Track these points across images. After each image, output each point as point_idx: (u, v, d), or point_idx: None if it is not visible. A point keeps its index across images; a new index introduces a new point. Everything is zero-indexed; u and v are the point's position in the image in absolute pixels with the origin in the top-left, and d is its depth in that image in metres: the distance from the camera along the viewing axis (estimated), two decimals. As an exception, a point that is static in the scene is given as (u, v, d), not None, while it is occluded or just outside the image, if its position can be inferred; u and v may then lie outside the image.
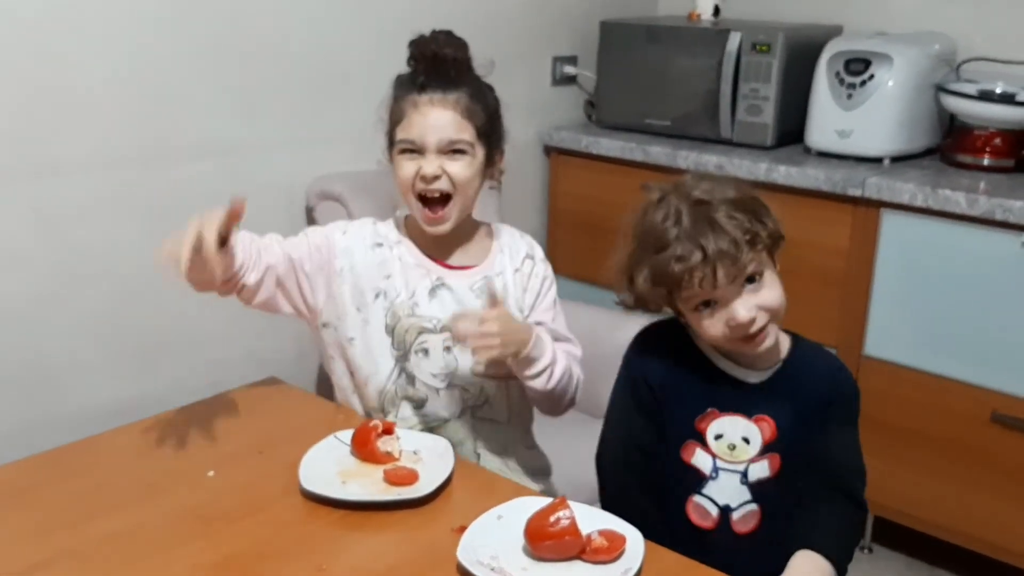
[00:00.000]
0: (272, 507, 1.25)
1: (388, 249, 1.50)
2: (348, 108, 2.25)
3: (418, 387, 1.49)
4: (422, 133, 1.43)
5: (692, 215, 1.21)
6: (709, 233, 1.18)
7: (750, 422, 1.27)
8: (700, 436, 1.28)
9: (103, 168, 1.89)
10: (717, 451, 1.28)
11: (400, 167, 1.45)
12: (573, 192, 2.77)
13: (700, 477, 1.28)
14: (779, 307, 1.23)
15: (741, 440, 1.27)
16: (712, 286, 1.19)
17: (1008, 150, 2.32)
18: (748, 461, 1.27)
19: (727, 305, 1.21)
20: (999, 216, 2.05)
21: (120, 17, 1.85)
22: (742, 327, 1.21)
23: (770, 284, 1.23)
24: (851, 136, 2.38)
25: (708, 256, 1.18)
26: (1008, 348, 2.10)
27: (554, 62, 2.80)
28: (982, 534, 2.21)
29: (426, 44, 1.47)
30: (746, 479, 1.27)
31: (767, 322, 1.22)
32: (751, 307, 1.21)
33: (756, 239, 1.20)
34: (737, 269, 1.19)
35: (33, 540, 1.18)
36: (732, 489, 1.28)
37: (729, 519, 1.28)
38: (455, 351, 1.48)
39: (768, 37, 2.44)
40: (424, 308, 1.48)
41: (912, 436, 2.26)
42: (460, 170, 1.44)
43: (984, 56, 2.43)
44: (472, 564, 1.09)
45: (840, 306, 2.32)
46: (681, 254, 1.19)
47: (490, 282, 1.44)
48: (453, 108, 1.43)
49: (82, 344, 1.91)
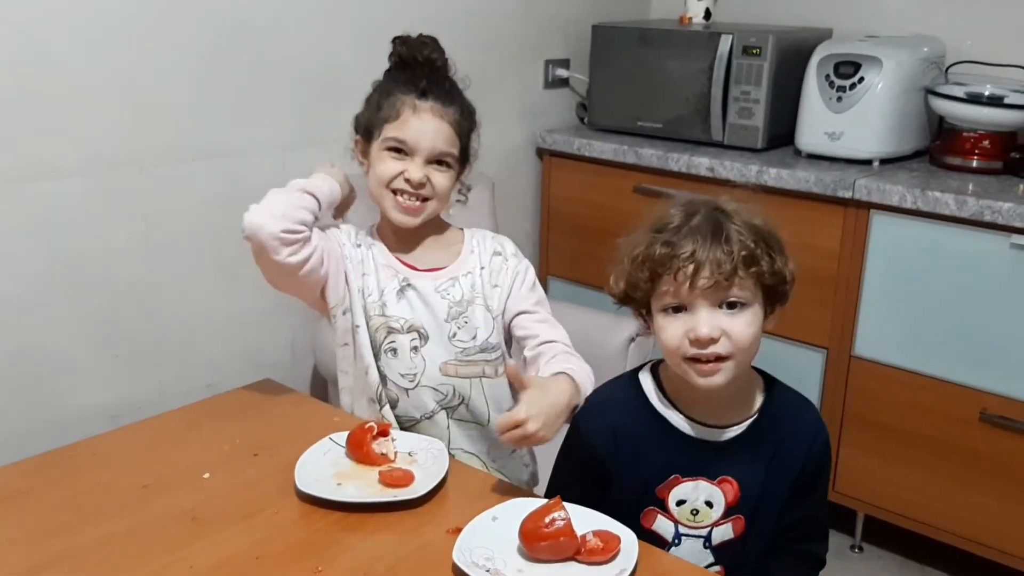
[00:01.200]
0: (268, 509, 1.26)
1: (365, 249, 1.53)
2: (341, 110, 2.25)
3: (390, 387, 1.50)
4: (418, 137, 1.45)
5: (705, 215, 1.16)
6: (709, 235, 1.13)
7: (713, 485, 1.21)
8: (661, 503, 1.22)
9: (98, 171, 1.89)
10: (679, 517, 1.22)
11: (383, 162, 1.48)
12: (566, 194, 2.78)
13: (662, 543, 1.24)
14: (746, 346, 1.14)
15: (704, 504, 1.21)
16: (690, 285, 1.12)
17: (996, 152, 2.34)
18: (711, 525, 1.22)
19: (694, 314, 1.14)
20: (988, 217, 2.07)
21: (115, 21, 1.86)
22: (699, 343, 1.13)
23: (748, 321, 1.14)
24: (841, 138, 2.39)
25: (697, 253, 1.12)
26: (997, 348, 2.12)
27: (547, 65, 2.81)
28: (972, 533, 2.23)
29: (416, 47, 1.50)
30: (709, 543, 1.23)
31: (727, 354, 1.14)
32: (716, 327, 1.13)
33: (754, 262, 1.13)
34: (721, 278, 1.12)
35: (30, 543, 1.18)
36: (695, 554, 1.23)
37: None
38: (422, 352, 1.49)
39: (759, 40, 2.46)
40: (392, 308, 1.50)
41: (902, 436, 2.28)
42: (442, 181, 1.48)
43: (972, 59, 2.45)
44: (467, 565, 1.10)
45: (831, 307, 2.33)
46: (674, 240, 1.14)
47: (509, 368, 1.38)
48: (450, 122, 1.47)
49: (78, 347, 1.92)
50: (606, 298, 1.29)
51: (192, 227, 2.05)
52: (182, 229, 2.04)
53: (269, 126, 2.15)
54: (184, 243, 2.05)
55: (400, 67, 1.51)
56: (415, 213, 1.48)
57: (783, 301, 1.18)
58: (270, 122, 2.15)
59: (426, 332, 1.49)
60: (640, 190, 2.58)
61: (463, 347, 1.50)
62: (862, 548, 2.48)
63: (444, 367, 1.50)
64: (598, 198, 2.69)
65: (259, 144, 2.14)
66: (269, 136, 2.16)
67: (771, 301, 1.17)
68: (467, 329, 1.50)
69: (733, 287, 1.13)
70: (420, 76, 1.48)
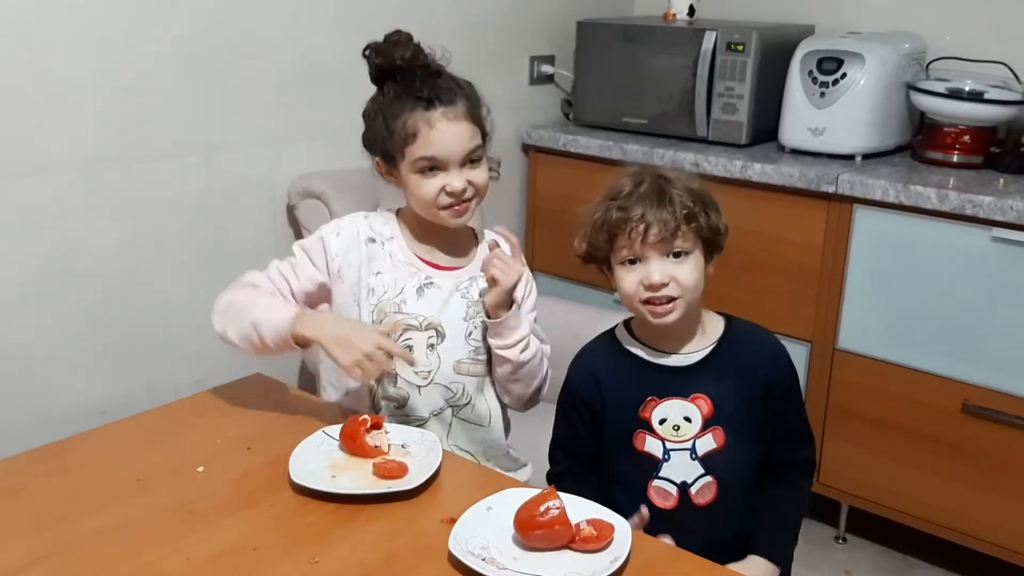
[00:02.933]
0: (263, 501, 1.26)
1: (380, 246, 1.51)
2: (330, 107, 2.26)
3: (400, 385, 1.51)
4: (445, 150, 1.43)
5: (651, 184, 1.35)
6: (655, 199, 1.32)
7: (687, 402, 1.37)
8: (647, 424, 1.37)
9: (86, 166, 1.89)
10: (664, 434, 1.37)
11: (421, 186, 1.44)
12: (551, 190, 2.79)
13: (655, 461, 1.37)
14: (691, 287, 1.34)
15: (683, 420, 1.37)
16: (641, 241, 1.32)
17: (977, 147, 2.37)
18: (693, 438, 1.37)
19: (646, 264, 1.33)
20: (969, 211, 2.10)
21: (101, 16, 1.85)
22: (652, 287, 1.32)
23: (692, 267, 1.34)
24: (824, 134, 2.42)
25: (647, 214, 1.31)
26: (978, 340, 2.15)
27: (532, 61, 2.82)
28: (954, 523, 2.26)
29: (387, 53, 1.45)
30: (695, 454, 1.37)
31: (676, 295, 1.33)
32: (665, 274, 1.32)
33: (693, 218, 1.32)
34: (667, 233, 1.31)
35: (24, 537, 1.18)
36: (685, 466, 1.37)
37: (688, 494, 1.37)
38: (438, 349, 1.50)
39: (743, 37, 2.48)
40: (411, 306, 1.49)
41: (885, 427, 2.30)
42: (480, 176, 1.47)
43: (953, 55, 2.48)
44: (463, 555, 1.11)
45: (814, 301, 2.36)
46: (625, 205, 1.33)
47: (492, 242, 1.52)
48: (464, 119, 1.44)
49: (68, 342, 1.91)
50: (591, 292, 1.39)
51: (178, 222, 2.05)
52: (168, 224, 2.03)
53: (254, 121, 2.15)
54: (170, 238, 2.04)
55: (382, 78, 1.47)
56: (465, 213, 1.48)
57: (719, 250, 1.38)
58: (255, 117, 2.15)
59: (444, 330, 1.50)
60: (625, 185, 2.59)
61: (476, 346, 1.52)
62: (846, 539, 2.51)
63: (458, 365, 1.51)
64: (584, 194, 2.64)
65: (244, 139, 2.14)
66: (254, 131, 2.16)
67: (709, 250, 1.37)
68: (482, 328, 1.51)
69: (677, 239, 1.32)
70: (412, 84, 1.44)
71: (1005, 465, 2.16)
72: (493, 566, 1.10)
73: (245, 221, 2.18)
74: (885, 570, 2.42)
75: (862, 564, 2.44)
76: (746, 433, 1.38)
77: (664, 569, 1.17)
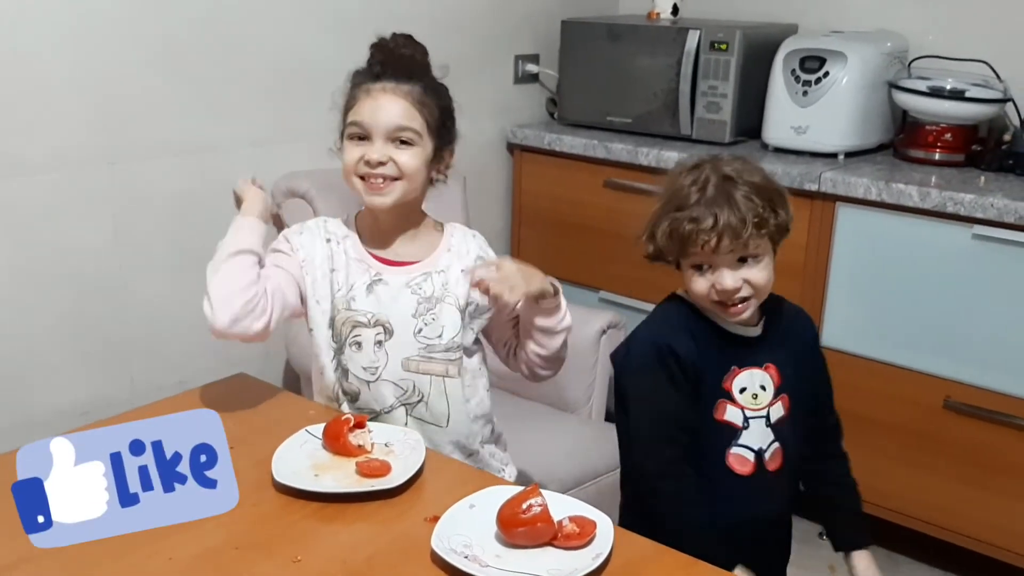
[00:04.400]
0: (246, 501, 1.24)
1: (336, 244, 1.52)
2: (314, 107, 2.24)
3: (351, 380, 1.51)
4: (372, 116, 1.44)
5: (716, 187, 1.33)
6: (725, 206, 1.31)
7: (762, 371, 1.41)
8: (727, 394, 1.40)
9: (69, 167, 1.88)
10: (744, 403, 1.40)
11: (345, 152, 1.48)
12: (537, 189, 2.79)
13: (734, 430, 1.40)
14: (764, 286, 1.36)
15: (760, 388, 1.41)
16: (713, 252, 1.32)
17: (958, 145, 2.39)
18: (768, 405, 1.41)
19: (718, 271, 1.34)
20: (950, 209, 2.11)
21: (83, 16, 1.85)
22: (726, 293, 1.34)
23: (763, 266, 1.36)
24: (807, 132, 2.43)
25: (717, 225, 1.30)
26: (959, 337, 2.17)
27: (516, 60, 2.82)
28: (937, 519, 2.27)
29: (385, 44, 1.50)
30: (769, 422, 1.41)
31: (750, 295, 1.35)
32: (738, 278, 1.34)
33: (764, 224, 1.32)
34: (738, 245, 1.32)
35: (6, 539, 1.17)
36: (761, 433, 1.41)
37: (763, 461, 1.41)
38: (386, 346, 1.50)
39: (726, 36, 2.49)
40: (360, 303, 1.50)
41: (867, 424, 2.31)
42: (406, 159, 1.45)
43: (935, 54, 2.50)
44: (446, 552, 1.11)
45: (798, 298, 2.33)
46: (696, 216, 1.32)
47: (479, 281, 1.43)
48: (405, 97, 1.45)
49: (49, 344, 1.91)
50: (578, 291, 1.38)
51: (162, 222, 2.04)
52: (151, 225, 2.03)
53: (239, 121, 2.15)
54: (154, 239, 2.04)
55: None
56: (382, 192, 1.46)
57: (786, 236, 1.39)
58: (240, 117, 2.15)
59: (391, 327, 1.49)
60: (610, 184, 2.60)
61: (428, 343, 1.50)
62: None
63: (406, 362, 1.50)
64: (569, 192, 2.71)
65: (229, 139, 2.14)
66: (239, 131, 2.15)
67: (777, 242, 1.38)
68: (434, 326, 1.50)
69: (749, 246, 1.33)
70: (375, 63, 1.47)
71: (987, 461, 2.18)
72: (476, 564, 1.11)
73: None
74: (869, 566, 2.43)
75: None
76: (803, 399, 1.44)
77: (645, 566, 1.17)
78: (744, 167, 1.36)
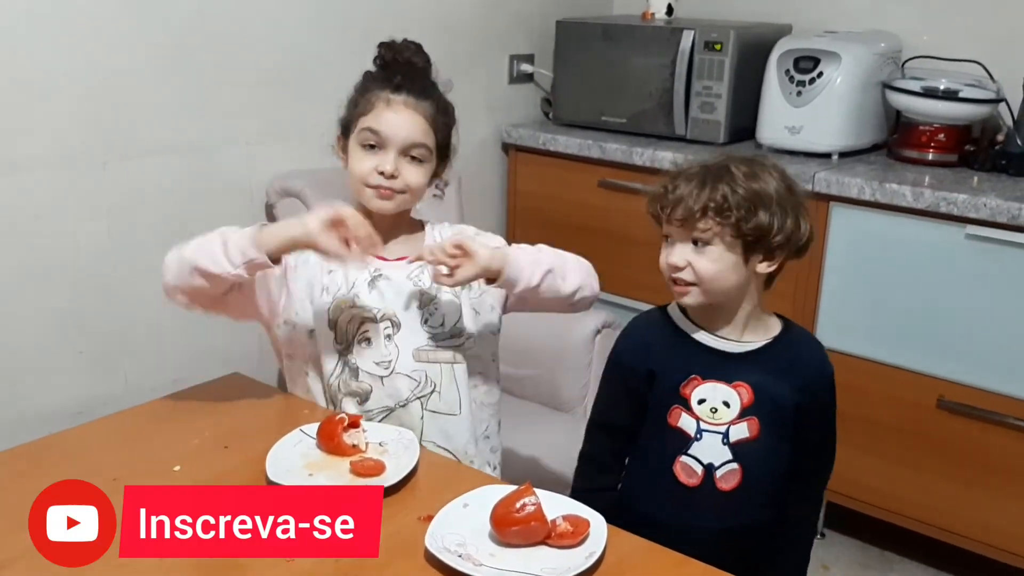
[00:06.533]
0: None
1: None
2: (309, 106, 2.26)
3: (362, 379, 1.51)
4: (390, 128, 1.47)
5: (709, 167, 1.34)
6: (696, 182, 1.32)
7: (729, 387, 1.38)
8: (685, 401, 1.38)
9: (63, 165, 1.88)
10: (700, 414, 1.38)
11: (358, 158, 1.49)
12: (531, 189, 2.80)
13: (686, 438, 1.39)
14: (707, 277, 1.33)
15: (722, 404, 1.38)
16: (667, 220, 1.34)
17: (951, 145, 2.39)
18: (729, 423, 1.38)
19: (672, 247, 1.36)
20: (943, 209, 2.12)
21: (78, 15, 1.85)
22: (669, 268, 1.36)
23: (712, 257, 1.33)
24: (801, 132, 2.44)
25: (676, 192, 1.32)
26: (953, 336, 2.17)
27: (511, 60, 2.82)
28: (931, 518, 2.28)
29: (399, 50, 1.52)
30: (727, 439, 1.38)
31: (690, 281, 1.34)
32: (683, 259, 1.34)
33: (725, 213, 1.30)
34: (687, 217, 1.31)
35: (4, 536, 1.17)
36: (715, 449, 1.38)
37: (713, 477, 1.38)
38: (395, 339, 1.51)
39: (720, 36, 2.49)
40: (364, 299, 1.51)
41: (862, 423, 2.32)
42: (415, 177, 1.49)
43: (928, 54, 2.50)
44: (440, 551, 1.12)
45: (791, 298, 2.37)
46: (671, 179, 1.35)
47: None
48: (423, 115, 1.49)
49: (44, 342, 1.90)
50: None
51: (156, 221, 2.04)
52: (146, 223, 2.03)
53: (232, 120, 2.15)
54: (148, 238, 2.03)
55: (382, 68, 1.53)
56: (389, 198, 1.49)
57: (767, 252, 1.34)
58: (233, 116, 2.15)
59: (399, 320, 1.51)
60: (605, 184, 2.60)
61: (434, 332, 1.52)
62: (824, 534, 2.52)
63: (417, 353, 1.51)
64: (563, 192, 2.71)
65: (222, 138, 2.14)
66: (233, 130, 2.15)
67: (751, 250, 1.33)
68: (437, 315, 1.53)
69: (698, 226, 1.31)
70: (395, 73, 1.50)
71: (980, 460, 2.18)
72: (470, 562, 1.11)
73: (223, 220, 2.13)
74: (863, 565, 2.44)
75: (840, 559, 2.46)
76: (780, 430, 1.39)
77: (639, 564, 1.17)
78: (760, 170, 1.34)
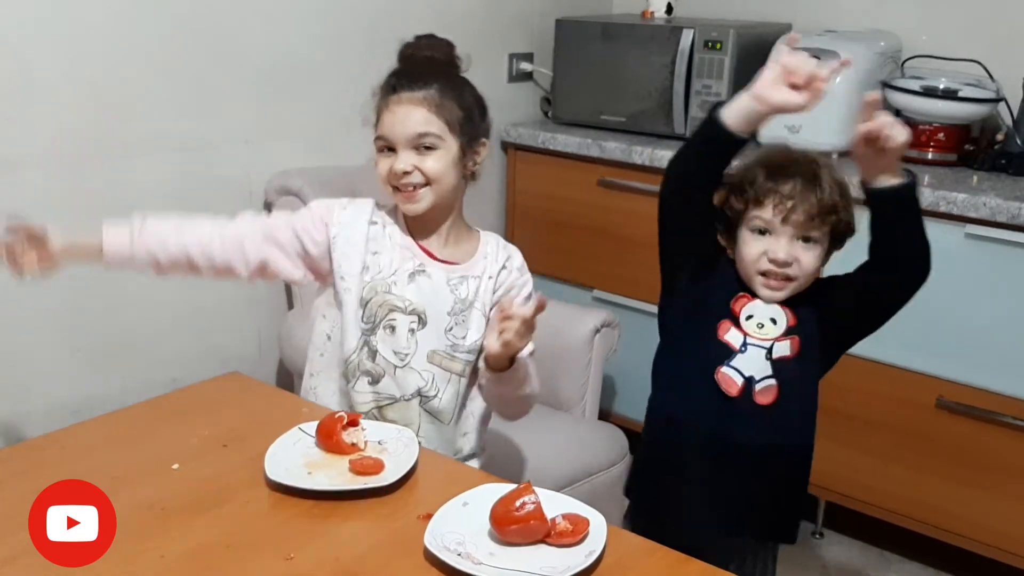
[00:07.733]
0: (238, 498, 1.26)
1: (381, 227, 1.55)
2: (308, 104, 2.26)
3: (378, 362, 1.52)
4: (391, 129, 1.48)
5: (805, 162, 1.41)
6: (808, 180, 1.38)
7: (778, 305, 1.43)
8: (733, 316, 1.44)
9: (61, 163, 1.87)
10: (747, 329, 1.43)
11: (378, 164, 1.52)
12: (531, 188, 2.79)
13: (730, 350, 1.44)
14: (810, 272, 1.41)
15: (769, 320, 1.43)
16: (783, 219, 1.37)
17: (951, 144, 2.39)
18: (773, 340, 1.43)
19: (776, 240, 1.39)
20: (943, 208, 2.12)
21: (76, 12, 1.84)
22: (775, 263, 1.39)
23: (816, 255, 1.40)
24: (800, 131, 2.42)
25: (795, 193, 1.37)
26: (952, 336, 2.17)
27: (510, 59, 2.82)
28: (929, 518, 2.28)
29: (406, 48, 1.55)
30: (770, 355, 1.43)
31: (797, 276, 1.40)
32: (792, 254, 1.38)
33: (835, 211, 1.38)
34: (806, 217, 1.37)
35: (4, 534, 1.17)
36: (757, 363, 1.43)
37: (752, 390, 1.43)
38: (417, 335, 1.52)
39: (720, 35, 2.49)
40: (400, 288, 1.52)
41: (861, 423, 2.32)
42: (433, 164, 1.48)
43: (928, 53, 2.50)
44: (439, 550, 1.11)
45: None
46: (777, 177, 1.38)
47: (539, 297, 1.43)
48: (420, 103, 1.48)
49: (42, 341, 1.90)
50: (572, 290, 1.36)
51: (156, 220, 2.03)
52: (145, 222, 2.02)
53: (231, 118, 2.14)
54: (148, 236, 2.03)
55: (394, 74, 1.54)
56: (413, 199, 1.49)
57: (839, 246, 1.43)
58: (233, 114, 2.14)
59: (426, 318, 1.52)
60: (604, 183, 2.60)
61: (454, 342, 1.54)
62: (823, 534, 2.52)
63: (431, 355, 1.53)
64: (563, 191, 2.70)
65: (221, 136, 2.13)
66: (232, 128, 2.15)
67: (833, 244, 1.43)
68: (462, 327, 1.54)
69: (814, 226, 1.38)
70: (393, 75, 1.51)
71: (979, 460, 2.18)
72: (469, 561, 1.11)
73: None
74: (862, 565, 2.44)
75: (839, 558, 2.46)
76: (819, 352, 1.46)
77: (639, 562, 1.17)
78: (833, 163, 1.43)
